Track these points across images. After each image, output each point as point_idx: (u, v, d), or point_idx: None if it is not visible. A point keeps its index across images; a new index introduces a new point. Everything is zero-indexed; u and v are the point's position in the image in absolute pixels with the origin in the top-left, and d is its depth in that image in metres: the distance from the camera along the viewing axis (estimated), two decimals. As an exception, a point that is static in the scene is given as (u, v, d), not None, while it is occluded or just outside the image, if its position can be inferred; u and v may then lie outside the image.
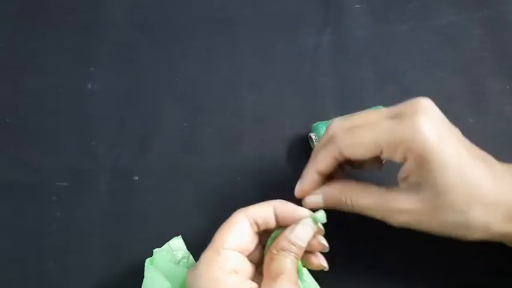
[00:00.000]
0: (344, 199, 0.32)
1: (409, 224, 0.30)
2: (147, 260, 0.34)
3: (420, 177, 0.29)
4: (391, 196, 0.30)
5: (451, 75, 0.45)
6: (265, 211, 0.31)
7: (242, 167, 0.42)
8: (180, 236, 0.37)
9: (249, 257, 0.31)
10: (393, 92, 0.44)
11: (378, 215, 0.31)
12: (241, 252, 0.30)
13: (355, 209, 0.32)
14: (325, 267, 0.32)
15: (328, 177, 0.33)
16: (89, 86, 0.46)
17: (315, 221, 0.30)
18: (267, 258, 0.30)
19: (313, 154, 0.33)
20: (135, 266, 0.33)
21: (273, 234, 0.31)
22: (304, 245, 0.30)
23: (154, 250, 0.35)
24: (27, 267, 0.39)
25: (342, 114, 0.43)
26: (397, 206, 0.30)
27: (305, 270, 0.33)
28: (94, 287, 0.38)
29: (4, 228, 0.40)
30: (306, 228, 0.30)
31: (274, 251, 0.30)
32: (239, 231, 0.30)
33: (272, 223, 0.31)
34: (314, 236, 0.31)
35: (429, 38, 0.47)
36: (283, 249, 0.30)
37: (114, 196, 0.41)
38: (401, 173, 0.30)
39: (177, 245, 0.36)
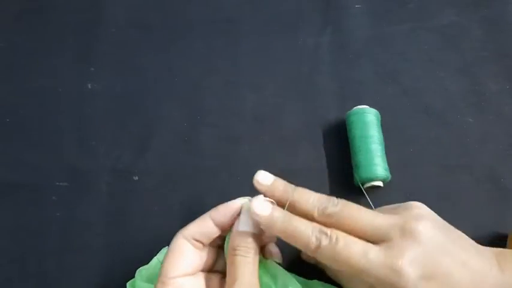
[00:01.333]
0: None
1: None
2: (128, 284, 0.34)
3: None
4: None
5: (451, 75, 0.45)
6: (203, 225, 0.30)
7: (242, 167, 0.42)
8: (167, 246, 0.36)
9: (215, 269, 0.32)
10: (393, 92, 0.44)
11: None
12: (191, 274, 0.30)
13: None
14: (276, 257, 0.32)
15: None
16: (89, 86, 0.46)
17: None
18: (227, 263, 0.30)
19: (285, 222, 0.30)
20: (134, 265, 0.33)
21: (226, 239, 0.31)
22: (254, 230, 0.30)
23: (139, 269, 0.34)
24: (27, 266, 0.39)
25: (341, 114, 0.43)
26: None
27: (275, 265, 0.32)
28: (94, 287, 0.38)
29: (4, 228, 0.40)
30: (246, 214, 0.30)
31: (231, 252, 0.30)
32: (180, 256, 0.30)
33: (215, 232, 0.30)
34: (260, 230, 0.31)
35: (429, 38, 0.47)
36: (239, 246, 0.29)
37: (114, 196, 0.41)
38: None
39: None
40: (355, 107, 0.41)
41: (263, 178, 0.31)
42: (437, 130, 0.42)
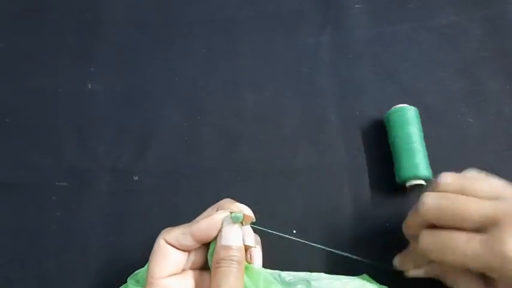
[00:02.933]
0: (444, 280, 0.33)
1: None
2: None
3: None
4: None
5: (450, 75, 0.45)
6: (182, 238, 0.30)
7: (241, 167, 0.42)
8: None
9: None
10: (393, 91, 0.44)
11: None
12: (177, 273, 0.30)
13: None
14: (256, 260, 0.32)
15: None
16: (89, 86, 0.46)
17: (234, 219, 0.30)
18: (212, 273, 0.30)
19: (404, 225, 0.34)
20: (134, 266, 0.33)
21: (210, 250, 0.31)
22: (238, 243, 0.30)
23: (130, 277, 0.34)
24: (27, 267, 0.39)
25: (341, 114, 0.43)
26: None
27: (258, 269, 0.32)
28: (93, 287, 0.38)
29: (4, 228, 0.40)
30: (230, 228, 0.30)
31: (215, 264, 0.29)
32: (163, 258, 0.30)
33: (195, 245, 0.30)
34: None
35: (429, 38, 0.47)
36: (222, 259, 0.29)
37: (114, 196, 0.41)
38: None
39: None
40: (394, 107, 0.41)
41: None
42: (437, 130, 0.42)
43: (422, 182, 0.38)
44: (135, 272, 0.34)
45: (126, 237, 0.39)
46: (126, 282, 0.34)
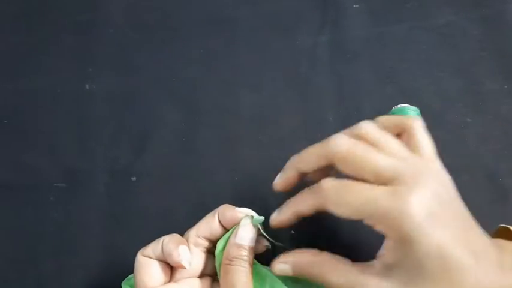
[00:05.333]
0: (313, 272, 0.29)
1: None
2: None
3: (396, 259, 0.26)
4: (363, 278, 0.27)
5: (449, 75, 0.45)
6: (157, 248, 0.32)
7: (240, 168, 0.42)
8: None
9: (204, 273, 0.33)
10: (391, 91, 0.44)
11: None
12: (164, 281, 0.31)
13: (322, 283, 0.29)
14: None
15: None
16: (87, 86, 0.46)
17: (255, 221, 0.31)
18: (222, 271, 0.30)
19: (298, 194, 0.31)
20: (132, 267, 0.33)
21: (218, 248, 0.31)
22: (251, 244, 0.31)
23: (123, 282, 0.34)
24: (25, 268, 0.39)
25: (339, 114, 0.43)
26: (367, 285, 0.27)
27: (264, 269, 0.32)
28: (92, 288, 0.38)
29: (2, 229, 0.40)
30: (248, 228, 0.31)
31: (227, 262, 0.30)
32: (147, 268, 0.31)
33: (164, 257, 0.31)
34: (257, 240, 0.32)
35: (427, 38, 0.47)
36: (235, 257, 0.30)
37: (112, 197, 0.41)
38: (381, 249, 0.28)
39: None
40: (396, 106, 0.41)
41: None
42: (435, 130, 0.42)
43: None
44: (128, 277, 0.34)
45: (124, 238, 0.39)
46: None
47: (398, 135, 0.31)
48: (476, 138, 0.42)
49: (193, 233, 0.32)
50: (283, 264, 0.30)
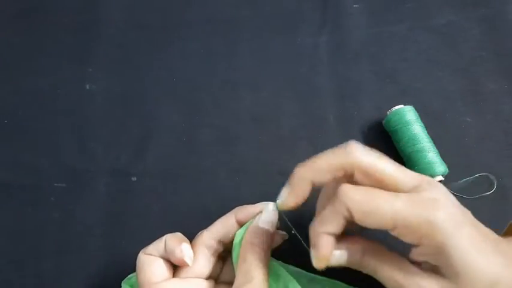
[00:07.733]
0: (366, 263, 0.29)
1: None
2: None
3: (440, 263, 0.26)
4: (415, 273, 0.28)
5: (449, 74, 0.45)
6: (159, 246, 0.32)
7: (240, 168, 0.42)
8: None
9: (210, 277, 0.33)
10: (391, 91, 0.44)
11: (394, 285, 0.28)
12: (168, 277, 0.32)
13: (372, 273, 0.29)
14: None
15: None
16: (87, 86, 0.46)
17: (279, 206, 0.31)
18: (240, 257, 0.30)
19: (318, 215, 0.30)
20: (132, 267, 0.33)
21: (238, 236, 0.31)
22: (272, 229, 0.31)
23: (124, 281, 0.34)
24: (25, 268, 0.39)
25: (340, 114, 0.43)
26: (419, 284, 0.27)
27: (278, 265, 0.33)
28: (92, 288, 0.38)
29: (2, 229, 0.40)
30: (270, 213, 0.31)
31: (248, 246, 0.30)
32: (149, 264, 0.31)
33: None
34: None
35: (427, 38, 0.47)
36: (255, 242, 0.30)
37: (112, 197, 0.41)
38: (416, 256, 0.28)
39: None
40: (392, 109, 0.41)
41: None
42: (436, 130, 0.42)
43: (440, 178, 0.39)
44: (128, 276, 0.34)
45: (124, 238, 0.39)
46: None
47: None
48: (476, 138, 0.42)
49: (207, 234, 0.32)
50: (339, 251, 0.29)
